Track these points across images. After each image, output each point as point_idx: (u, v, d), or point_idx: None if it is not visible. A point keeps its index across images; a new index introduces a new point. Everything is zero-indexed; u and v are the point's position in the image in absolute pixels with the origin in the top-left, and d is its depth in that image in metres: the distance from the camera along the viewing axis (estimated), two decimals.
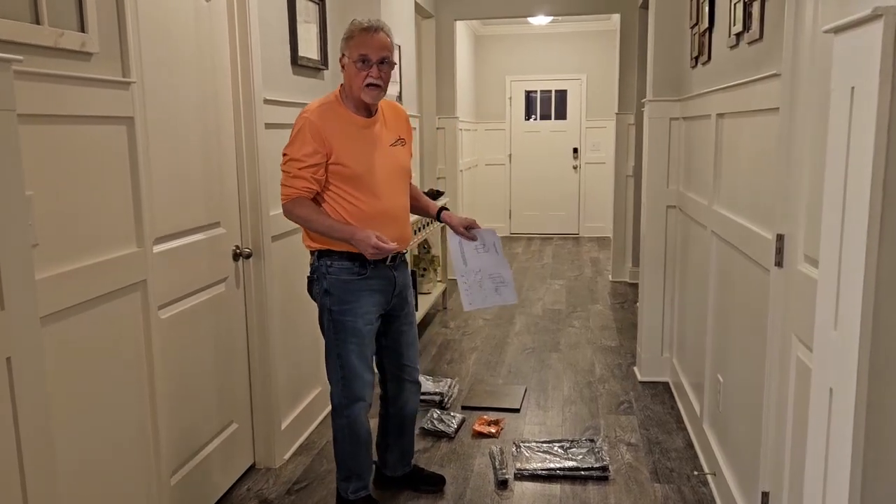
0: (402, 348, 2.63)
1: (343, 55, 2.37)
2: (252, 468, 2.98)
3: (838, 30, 1.17)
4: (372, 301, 2.44)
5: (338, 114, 2.37)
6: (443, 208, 2.69)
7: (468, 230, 2.58)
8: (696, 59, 3.28)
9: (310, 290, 2.52)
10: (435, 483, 2.79)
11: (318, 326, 2.52)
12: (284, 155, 2.37)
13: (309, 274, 2.50)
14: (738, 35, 2.53)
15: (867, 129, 1.05)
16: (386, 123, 2.48)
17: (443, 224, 2.69)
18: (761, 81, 2.21)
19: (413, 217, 4.21)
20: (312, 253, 2.46)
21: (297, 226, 2.53)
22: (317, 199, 2.40)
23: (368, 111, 2.42)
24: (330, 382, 2.51)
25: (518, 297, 2.37)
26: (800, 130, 1.89)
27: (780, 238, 1.99)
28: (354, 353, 2.43)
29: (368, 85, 2.32)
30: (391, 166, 2.45)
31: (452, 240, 2.60)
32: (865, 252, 1.05)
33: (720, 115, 2.80)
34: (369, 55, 2.31)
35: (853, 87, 1.11)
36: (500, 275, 2.54)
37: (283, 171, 2.37)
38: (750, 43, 2.39)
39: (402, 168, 2.52)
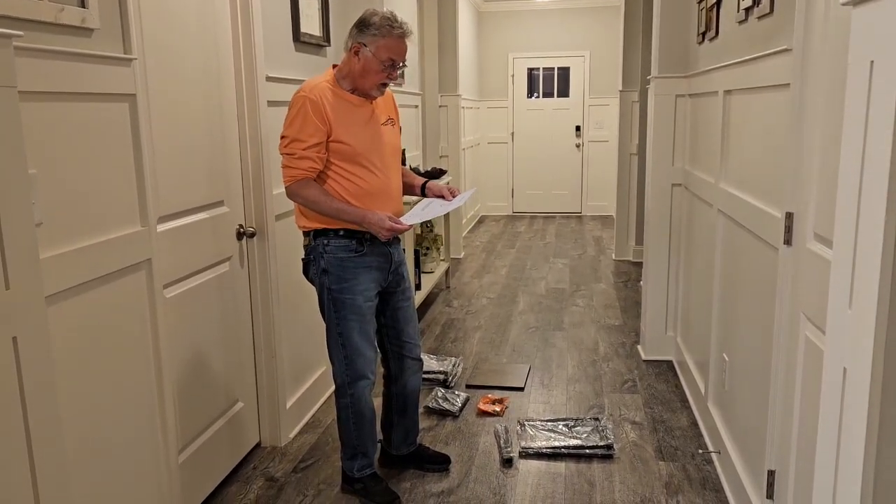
0: (401, 324, 2.64)
1: (363, 45, 2.32)
2: (258, 447, 3.00)
3: (857, 2, 1.14)
4: (370, 278, 2.45)
5: (333, 93, 2.37)
6: (426, 182, 2.70)
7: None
8: (704, 34, 3.24)
9: (306, 272, 2.51)
10: (440, 462, 2.80)
11: (319, 307, 2.52)
12: (284, 137, 2.33)
13: (304, 256, 2.49)
14: (748, 9, 2.49)
15: (887, 104, 1.03)
16: (376, 104, 2.49)
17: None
18: (771, 57, 2.18)
19: (414, 196, 4.20)
20: (307, 233, 2.45)
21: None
22: (317, 179, 2.39)
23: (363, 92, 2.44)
24: (332, 362, 2.51)
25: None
26: (811, 107, 1.87)
27: (789, 216, 1.97)
28: (356, 331, 2.44)
29: (383, 84, 2.39)
30: (386, 144, 2.48)
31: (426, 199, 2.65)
32: (883, 229, 1.03)
33: (728, 92, 2.77)
34: (397, 61, 2.36)
35: (872, 61, 1.09)
36: (439, 209, 2.54)
37: (285, 153, 2.33)
38: (760, 17, 2.35)
39: (395, 146, 2.54)
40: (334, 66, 2.47)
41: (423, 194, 2.69)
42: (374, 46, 2.31)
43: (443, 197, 2.62)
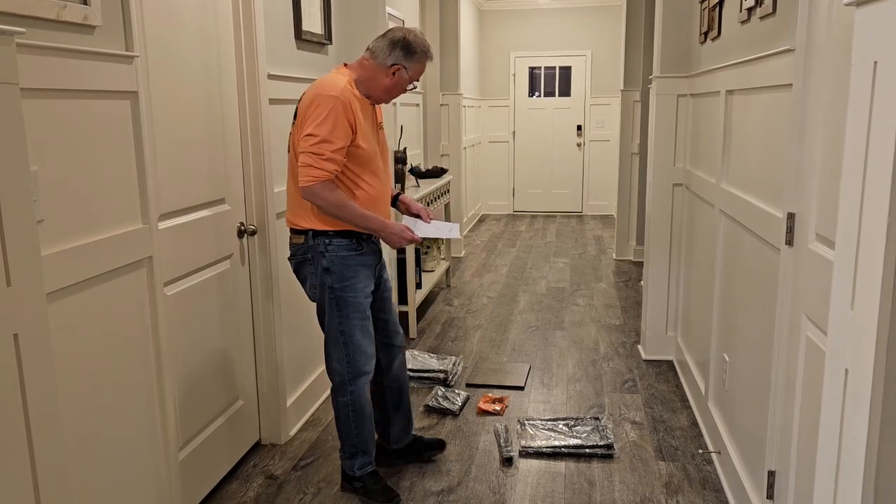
0: (387, 314, 2.71)
1: (402, 66, 2.41)
2: (258, 444, 3.00)
3: (861, 2, 1.14)
4: (367, 275, 2.50)
5: (355, 95, 2.38)
6: (399, 193, 2.74)
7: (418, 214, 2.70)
8: (706, 34, 3.23)
9: (298, 272, 2.52)
10: (437, 447, 2.86)
11: (318, 306, 2.53)
12: (312, 136, 2.27)
13: (294, 255, 2.49)
14: (750, 10, 2.49)
15: (890, 104, 1.03)
16: (376, 108, 2.55)
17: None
18: (774, 57, 2.18)
19: (416, 195, 4.22)
20: (303, 233, 2.44)
21: None
22: None
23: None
24: (331, 361, 2.52)
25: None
26: (813, 107, 1.86)
27: (790, 217, 1.97)
28: (358, 328, 2.47)
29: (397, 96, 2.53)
30: (384, 148, 2.54)
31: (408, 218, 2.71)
32: (886, 230, 1.03)
33: (730, 92, 2.77)
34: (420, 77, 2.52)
35: (876, 62, 1.09)
36: (426, 230, 2.62)
37: (313, 152, 2.26)
38: (762, 18, 2.35)
39: (387, 151, 2.61)
40: (346, 65, 2.47)
41: (394, 205, 2.72)
42: (412, 70, 2.44)
43: (419, 216, 2.67)
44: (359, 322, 2.46)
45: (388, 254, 4.07)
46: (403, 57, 2.40)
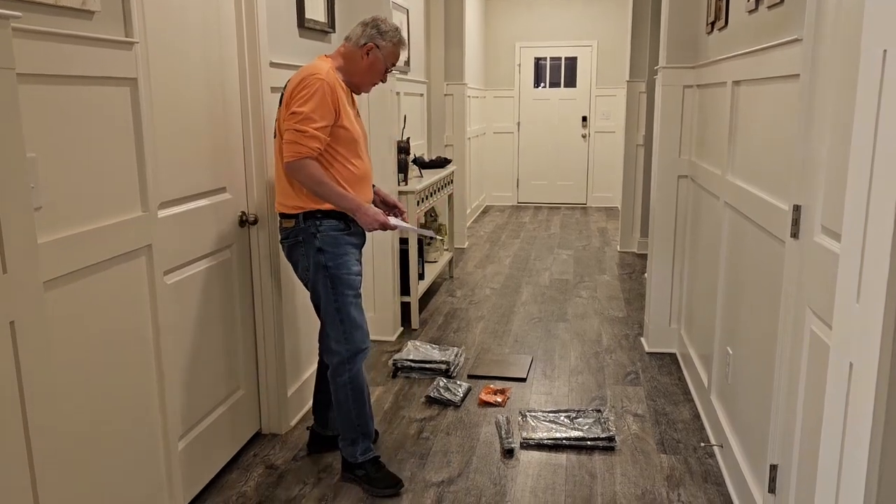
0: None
1: (376, 46, 2.52)
2: (258, 434, 2.99)
3: None
4: (356, 254, 2.58)
5: (338, 80, 2.49)
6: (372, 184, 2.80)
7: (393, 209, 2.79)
8: (713, 24, 3.20)
9: (290, 255, 2.56)
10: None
11: (311, 292, 2.56)
12: (296, 113, 2.36)
13: (287, 238, 2.54)
14: None
15: None
16: (354, 96, 2.66)
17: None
18: (781, 47, 2.15)
19: (419, 185, 4.20)
20: (293, 216, 2.50)
21: None
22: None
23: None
24: (329, 341, 2.56)
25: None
26: (820, 98, 1.84)
27: (796, 209, 1.95)
28: (353, 305, 2.53)
29: (375, 84, 2.62)
30: (364, 133, 2.64)
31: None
32: (893, 222, 1.01)
33: (736, 83, 2.74)
34: (394, 65, 2.62)
35: (885, 50, 1.06)
36: (399, 223, 2.69)
37: (297, 129, 2.36)
38: (770, 7, 2.32)
39: (367, 139, 2.70)
40: (327, 56, 2.57)
41: None
42: (385, 50, 2.54)
43: (396, 207, 2.77)
44: (353, 299, 2.53)
45: (392, 245, 4.05)
46: (376, 35, 2.51)
